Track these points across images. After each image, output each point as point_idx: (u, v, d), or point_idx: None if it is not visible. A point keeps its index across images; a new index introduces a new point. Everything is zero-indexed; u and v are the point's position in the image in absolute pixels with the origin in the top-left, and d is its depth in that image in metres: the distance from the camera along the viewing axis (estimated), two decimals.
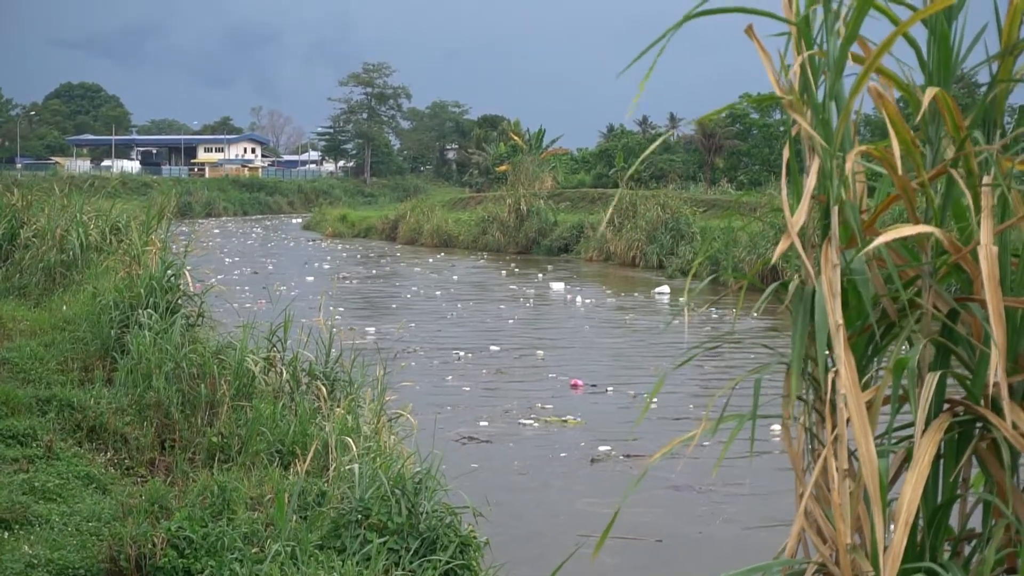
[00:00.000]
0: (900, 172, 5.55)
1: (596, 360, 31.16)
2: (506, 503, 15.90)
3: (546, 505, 17.20)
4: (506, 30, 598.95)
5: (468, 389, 25.92)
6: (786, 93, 5.83)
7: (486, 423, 22.24)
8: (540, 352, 32.16)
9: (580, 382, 27.07)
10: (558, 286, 52.16)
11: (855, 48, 5.88)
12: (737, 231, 50.89)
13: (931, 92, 5.49)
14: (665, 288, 50.12)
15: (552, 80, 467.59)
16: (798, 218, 5.51)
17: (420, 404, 18.51)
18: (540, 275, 59.16)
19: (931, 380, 5.45)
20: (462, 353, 31.53)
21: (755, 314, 34.67)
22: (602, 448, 20.34)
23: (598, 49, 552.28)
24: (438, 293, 50.03)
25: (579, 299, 47.49)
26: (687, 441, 6.00)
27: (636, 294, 49.80)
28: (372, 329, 33.31)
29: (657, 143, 7.64)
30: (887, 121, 5.63)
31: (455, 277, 59.20)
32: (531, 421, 22.72)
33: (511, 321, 40.05)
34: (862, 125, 6.21)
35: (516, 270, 62.61)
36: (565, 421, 22.78)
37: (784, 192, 5.68)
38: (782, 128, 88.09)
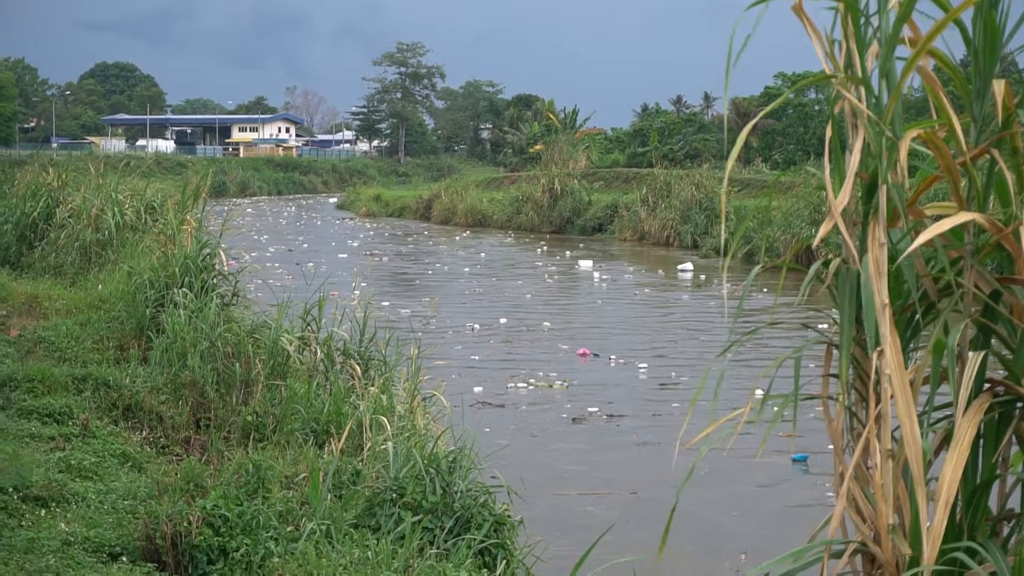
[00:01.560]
0: (939, 154, 5.51)
1: (604, 332, 32.81)
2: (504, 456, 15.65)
3: (533, 457, 17.75)
4: (539, 9, 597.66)
5: (476, 358, 26.47)
6: (833, 71, 5.79)
7: (480, 388, 23.41)
8: (546, 324, 33.71)
9: (587, 351, 28.75)
10: (586, 264, 52.52)
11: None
12: (772, 210, 50.87)
13: (999, 85, 5.46)
14: (688, 265, 50.76)
15: (586, 59, 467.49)
16: (842, 198, 5.46)
17: (430, 372, 18.97)
18: (568, 252, 59.52)
19: (974, 360, 5.40)
20: (477, 326, 32.89)
21: (760, 291, 34.97)
22: (590, 409, 22.29)
23: (632, 29, 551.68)
24: (466, 270, 50.77)
25: (596, 275, 48.41)
26: (733, 421, 6.01)
27: (660, 271, 50.42)
28: (405, 310, 33.43)
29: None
30: (932, 101, 5.59)
31: (483, 255, 59.65)
32: (524, 385, 24.51)
33: (528, 296, 41.08)
34: None
35: (545, 249, 62.81)
36: (551, 386, 24.59)
37: (827, 171, 5.64)
38: (817, 107, 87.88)
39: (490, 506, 11.45)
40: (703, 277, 47.19)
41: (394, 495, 11.13)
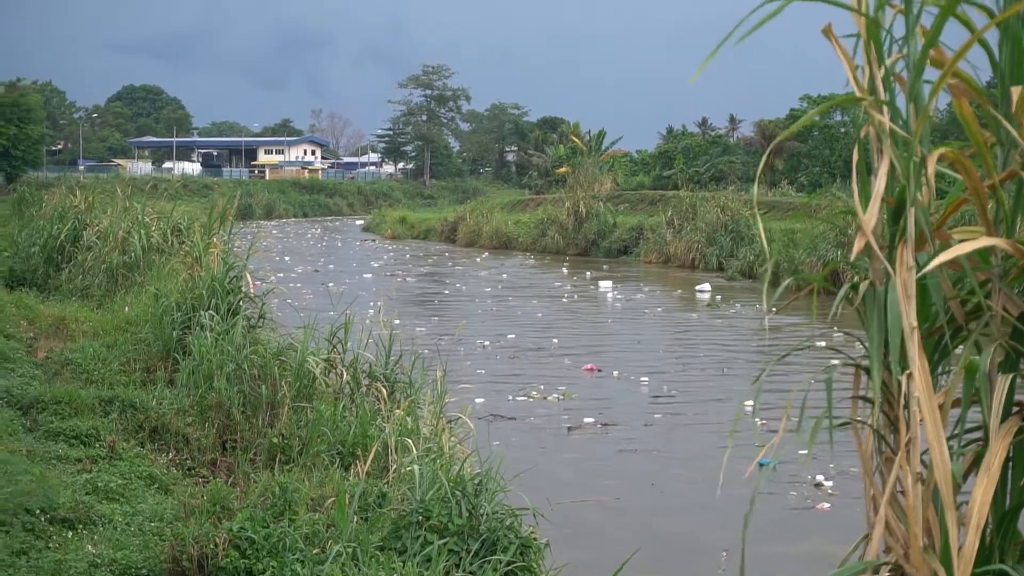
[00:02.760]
0: (967, 177, 5.50)
1: (611, 349, 33.69)
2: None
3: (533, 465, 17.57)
4: (563, 32, 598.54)
5: (483, 372, 26.85)
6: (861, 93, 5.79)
7: (482, 400, 23.68)
8: (555, 340, 34.62)
9: (593, 367, 29.46)
10: (605, 285, 52.86)
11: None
12: (797, 233, 50.96)
13: (1016, 91, 5.44)
14: (706, 286, 51.06)
15: (611, 82, 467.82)
16: (869, 217, 5.46)
17: (454, 393, 19.16)
18: (589, 274, 59.90)
19: (1003, 383, 5.39)
20: (488, 343, 33.66)
21: (771, 311, 35.27)
22: (586, 419, 23.14)
23: (656, 51, 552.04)
24: (487, 290, 51.60)
25: (609, 295, 49.30)
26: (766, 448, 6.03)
27: (678, 292, 51.19)
28: (420, 328, 33.86)
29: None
30: (963, 122, 5.59)
31: (504, 276, 60.33)
32: (524, 398, 25.22)
33: (539, 315, 41.88)
34: None
35: (567, 270, 63.10)
36: (545, 398, 25.39)
37: (856, 193, 5.64)
38: (843, 129, 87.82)
39: (516, 529, 11.43)
40: (719, 298, 47.66)
41: (420, 518, 11.12)
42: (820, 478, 18.59)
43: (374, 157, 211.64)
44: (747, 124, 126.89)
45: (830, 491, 18.04)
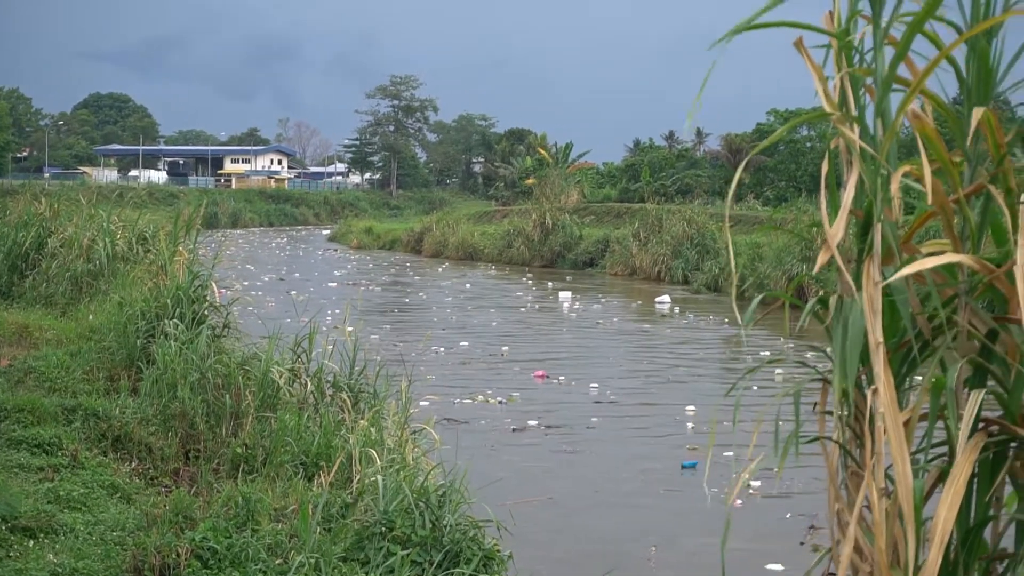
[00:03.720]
0: (933, 192, 5.52)
1: (561, 357, 34.62)
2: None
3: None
4: (532, 44, 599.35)
5: (432, 377, 26.76)
6: (832, 108, 5.82)
7: (426, 403, 23.39)
8: (505, 348, 35.53)
9: (544, 373, 30.40)
10: (565, 295, 53.65)
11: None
12: (763, 247, 51.28)
13: (978, 112, 5.48)
14: (665, 298, 51.70)
15: (579, 95, 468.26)
16: (836, 230, 5.48)
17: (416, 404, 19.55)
18: (550, 284, 60.78)
19: (974, 399, 5.40)
20: (442, 350, 34.52)
21: (744, 325, 35.81)
22: (531, 422, 24.01)
23: (624, 65, 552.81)
24: (448, 299, 52.52)
25: (566, 305, 50.39)
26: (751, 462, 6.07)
27: (637, 303, 52.22)
28: (374, 336, 34.41)
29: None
30: (920, 140, 5.61)
31: (468, 285, 61.02)
32: (469, 401, 26.17)
33: (494, 324, 42.74)
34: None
35: (530, 282, 63.67)
36: (488, 401, 26.40)
37: (823, 206, 5.66)
38: (809, 144, 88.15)
39: (480, 540, 11.42)
40: (677, 310, 48.57)
41: (383, 528, 11.10)
42: (745, 476, 18.38)
43: (341, 167, 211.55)
44: (714, 138, 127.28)
45: (752, 491, 18.60)
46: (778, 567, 15.26)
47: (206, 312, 18.97)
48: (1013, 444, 5.62)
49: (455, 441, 16.12)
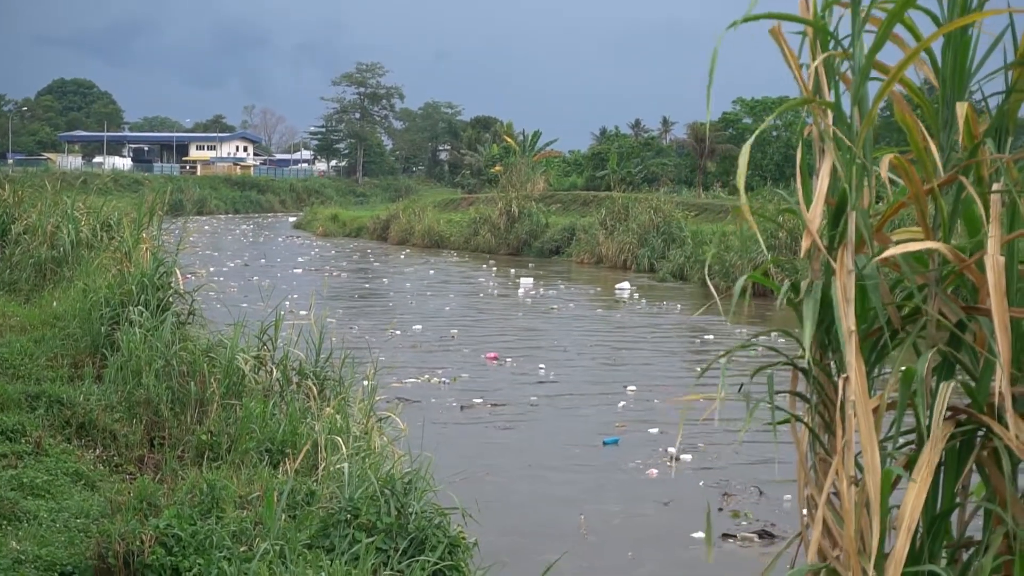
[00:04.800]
0: (917, 180, 5.55)
1: (511, 339, 36.43)
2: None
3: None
4: (499, 32, 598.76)
5: (383, 359, 26.69)
6: (810, 96, 5.84)
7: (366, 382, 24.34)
8: (454, 331, 37.36)
9: (496, 355, 31.94)
10: (526, 282, 54.34)
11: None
12: (730, 235, 51.56)
13: (961, 108, 5.51)
14: (625, 284, 52.87)
15: (545, 82, 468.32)
16: (814, 215, 5.50)
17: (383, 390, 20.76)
18: (512, 270, 61.46)
19: (945, 388, 5.42)
20: (398, 332, 36.25)
21: (712, 314, 36.48)
22: (476, 400, 25.51)
23: (591, 52, 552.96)
24: (408, 285, 53.52)
25: (521, 291, 51.47)
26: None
27: (596, 289, 53.40)
28: (330, 319, 35.03)
29: None
30: (906, 130, 5.64)
31: (431, 272, 61.86)
32: (414, 380, 27.31)
33: (447, 308, 44.16)
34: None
35: (494, 269, 64.18)
36: (430, 380, 27.71)
37: (800, 193, 5.68)
38: (775, 133, 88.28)
39: (445, 528, 11.42)
40: (636, 296, 49.79)
41: (348, 516, 11.09)
42: (672, 450, 20.94)
43: (307, 154, 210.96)
44: (680, 126, 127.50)
45: (670, 464, 20.18)
46: (701, 535, 15.98)
47: (171, 299, 18.90)
48: (980, 433, 5.65)
49: (407, 419, 16.40)
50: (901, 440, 5.87)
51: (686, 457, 20.59)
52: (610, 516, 17.40)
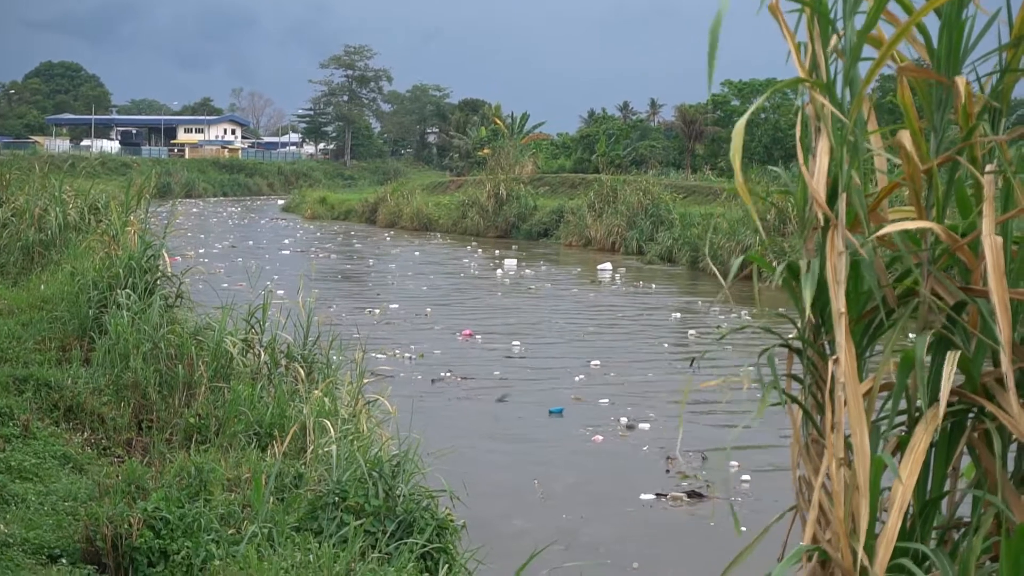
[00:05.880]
0: (916, 159, 5.54)
1: (485, 317, 37.73)
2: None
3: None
4: (487, 14, 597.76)
5: (357, 336, 27.02)
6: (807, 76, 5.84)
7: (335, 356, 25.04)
8: (428, 310, 38.35)
9: (470, 332, 33.19)
10: (510, 263, 54.88)
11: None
12: (717, 217, 51.71)
13: (961, 82, 5.50)
14: (607, 265, 53.44)
15: (533, 64, 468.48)
16: (818, 185, 5.51)
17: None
18: (497, 252, 62.12)
19: (949, 370, 5.38)
20: (377, 311, 37.43)
21: (653, 289, 36.72)
22: (444, 373, 26.78)
23: (580, 34, 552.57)
24: (392, 267, 54.37)
25: (499, 272, 52.36)
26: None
27: (578, 269, 54.31)
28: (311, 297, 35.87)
29: None
30: (903, 109, 5.63)
31: (416, 254, 62.33)
32: (381, 356, 27.90)
33: (424, 288, 44.94)
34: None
35: (480, 251, 64.39)
36: (395, 355, 28.94)
37: (803, 170, 5.67)
38: (763, 115, 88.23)
39: (433, 510, 11.43)
40: (618, 277, 50.62)
41: (336, 498, 11.09)
42: (624, 420, 22.42)
43: (295, 137, 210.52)
44: (668, 108, 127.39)
45: (622, 433, 21.60)
46: (650, 496, 17.60)
47: (158, 282, 18.87)
48: (971, 415, 5.65)
49: (377, 392, 16.59)
50: (897, 420, 5.87)
51: (644, 426, 21.95)
52: (561, 480, 18.60)
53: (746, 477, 18.50)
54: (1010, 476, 5.64)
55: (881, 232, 5.40)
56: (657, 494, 17.64)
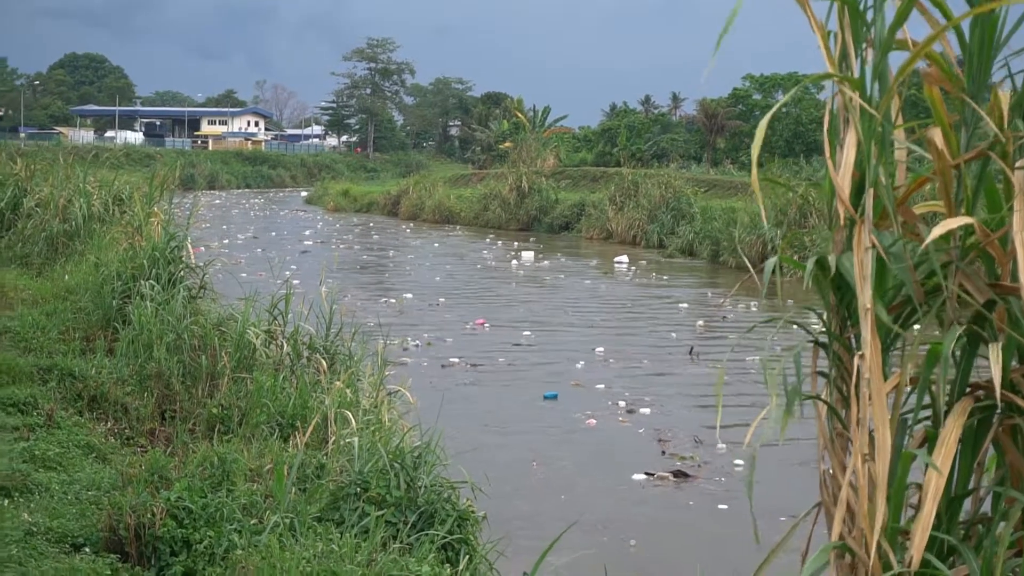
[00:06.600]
0: (947, 155, 5.50)
1: (498, 307, 38.47)
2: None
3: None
4: (509, 8, 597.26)
5: (370, 324, 27.13)
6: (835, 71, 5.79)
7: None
8: (442, 299, 39.07)
9: (483, 320, 33.86)
10: (527, 255, 55.24)
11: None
12: (738, 211, 51.65)
13: (1004, 97, 5.47)
14: (624, 258, 53.82)
15: (555, 58, 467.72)
16: (844, 182, 5.48)
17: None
18: (516, 244, 62.40)
19: (995, 355, 5.32)
20: (393, 300, 38.03)
21: (722, 292, 36.78)
22: (453, 359, 27.46)
23: (602, 29, 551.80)
24: (411, 257, 55.06)
25: (514, 263, 52.79)
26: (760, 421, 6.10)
27: (594, 262, 54.75)
28: (323, 288, 36.03)
29: None
30: (931, 105, 5.59)
31: (436, 245, 63.03)
32: (397, 341, 27.59)
33: (437, 278, 45.59)
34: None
35: (499, 243, 64.74)
36: (404, 342, 28.94)
37: (829, 164, 5.63)
38: (784, 110, 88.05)
39: (454, 501, 11.44)
40: (634, 269, 50.76)
41: (358, 489, 11.09)
42: (623, 404, 23.21)
43: (317, 129, 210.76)
44: (690, 103, 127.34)
45: (622, 418, 22.22)
46: (641, 476, 18.21)
47: (182, 273, 18.91)
48: (998, 410, 5.61)
49: (404, 384, 16.69)
50: (922, 414, 5.84)
51: (644, 411, 22.69)
52: (558, 462, 19.12)
53: (739, 461, 18.99)
54: None
55: (933, 236, 5.33)
56: (647, 473, 18.28)
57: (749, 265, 6.80)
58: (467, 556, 10.94)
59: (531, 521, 15.56)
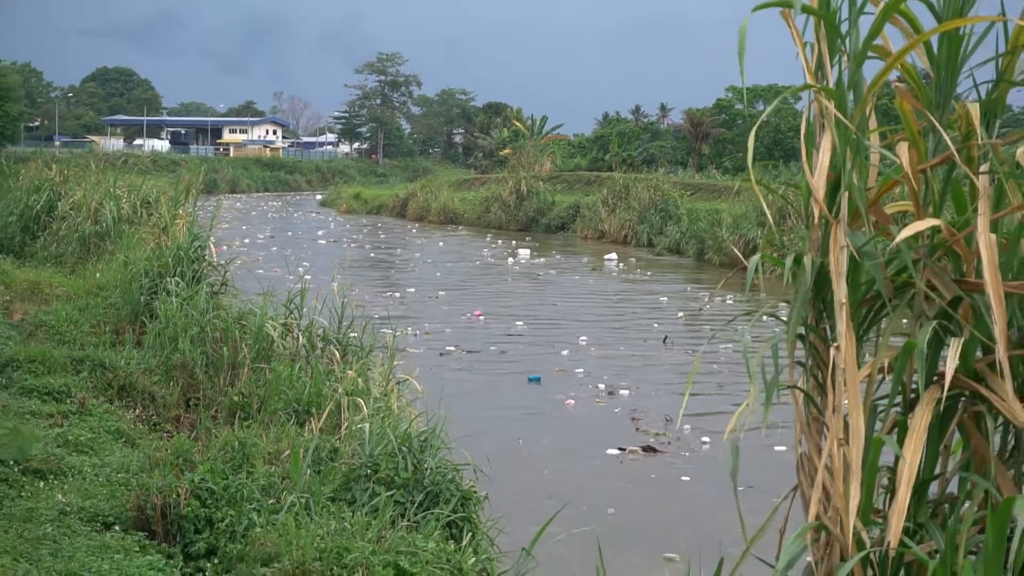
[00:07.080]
0: (915, 161, 5.52)
1: (494, 299, 38.54)
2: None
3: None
4: (510, 23, 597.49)
5: (376, 316, 27.14)
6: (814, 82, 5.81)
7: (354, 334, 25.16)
8: (441, 292, 39.40)
9: (480, 312, 34.15)
10: (523, 252, 55.37)
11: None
12: (722, 213, 51.73)
13: (975, 108, 5.47)
14: (613, 255, 54.05)
15: (552, 71, 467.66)
16: (819, 183, 5.48)
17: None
18: (513, 242, 62.41)
19: (955, 349, 5.34)
20: (398, 294, 38.33)
21: (703, 289, 36.69)
22: (449, 347, 27.90)
23: (595, 43, 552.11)
24: (417, 255, 54.96)
25: (511, 260, 52.69)
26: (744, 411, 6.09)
27: (587, 258, 54.74)
28: (333, 283, 36.40)
29: None
30: (902, 115, 5.61)
31: (440, 244, 63.09)
32: (399, 332, 27.17)
33: (438, 274, 45.80)
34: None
35: (499, 241, 64.77)
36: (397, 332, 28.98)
37: (806, 167, 5.64)
38: (766, 119, 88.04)
39: (457, 482, 11.47)
40: (623, 266, 50.95)
41: (369, 471, 11.12)
42: (603, 387, 23.73)
43: (331, 137, 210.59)
44: (677, 112, 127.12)
45: (599, 400, 22.70)
46: (614, 451, 18.66)
47: (205, 271, 18.95)
48: (962, 398, 5.63)
49: (411, 373, 16.74)
50: (883, 404, 5.86)
51: (624, 392, 23.19)
52: (541, 440, 19.57)
53: (705, 439, 19.39)
54: (996, 452, 5.62)
55: (902, 236, 5.36)
56: (620, 448, 18.72)
57: (742, 258, 6.79)
58: (470, 533, 10.96)
59: (520, 494, 15.83)
